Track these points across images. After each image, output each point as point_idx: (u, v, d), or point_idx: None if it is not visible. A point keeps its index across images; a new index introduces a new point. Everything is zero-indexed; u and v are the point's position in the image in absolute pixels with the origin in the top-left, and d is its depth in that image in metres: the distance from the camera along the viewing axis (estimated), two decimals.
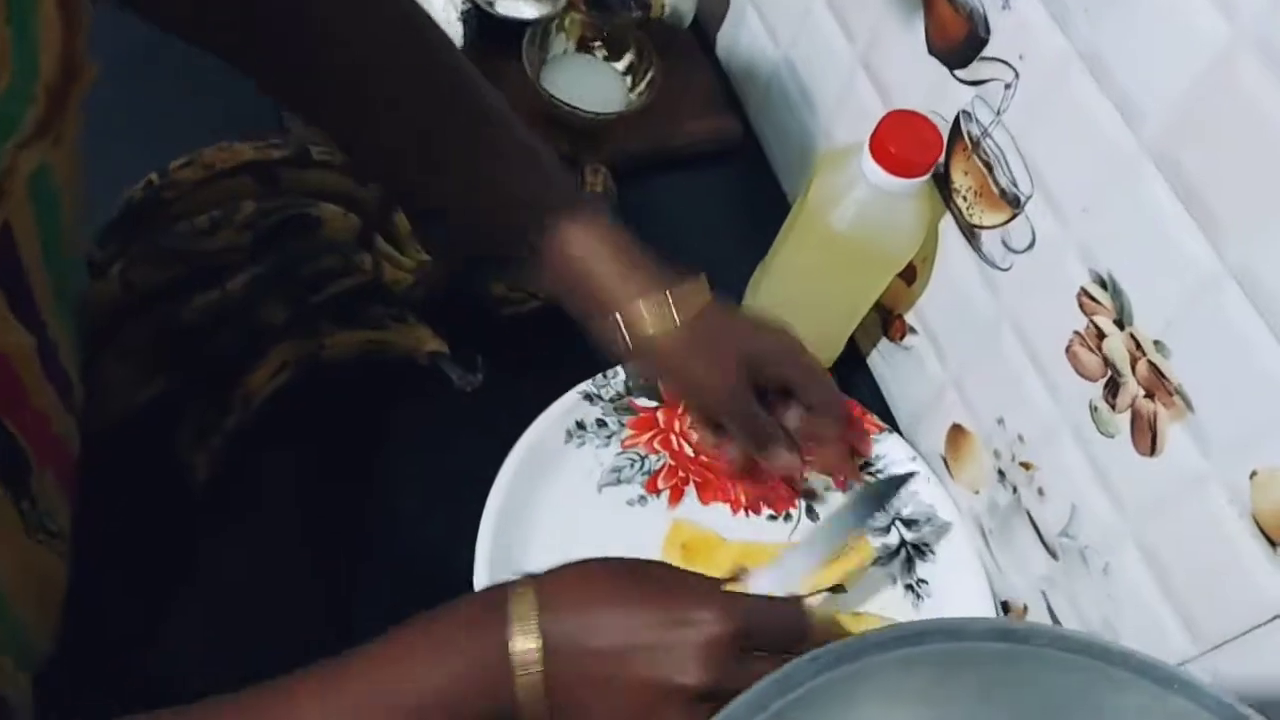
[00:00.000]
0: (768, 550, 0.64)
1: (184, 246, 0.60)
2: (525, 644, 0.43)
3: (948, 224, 0.65)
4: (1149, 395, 0.53)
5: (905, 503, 0.68)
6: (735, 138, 0.83)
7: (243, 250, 0.61)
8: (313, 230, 0.62)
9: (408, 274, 0.66)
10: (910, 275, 0.68)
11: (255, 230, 0.61)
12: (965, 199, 0.63)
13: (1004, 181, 0.59)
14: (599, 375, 0.68)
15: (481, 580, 0.59)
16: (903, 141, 0.58)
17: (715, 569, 0.62)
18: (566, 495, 0.65)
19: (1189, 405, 0.51)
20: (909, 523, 0.67)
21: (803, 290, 0.67)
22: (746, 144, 0.84)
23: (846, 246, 0.62)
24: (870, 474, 0.68)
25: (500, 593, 0.45)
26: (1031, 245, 0.59)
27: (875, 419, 0.70)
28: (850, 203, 0.61)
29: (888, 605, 0.64)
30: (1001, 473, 0.64)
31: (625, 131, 0.78)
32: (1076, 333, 0.56)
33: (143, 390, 0.59)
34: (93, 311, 0.59)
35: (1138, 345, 0.53)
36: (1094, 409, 0.56)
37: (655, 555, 0.63)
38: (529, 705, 0.43)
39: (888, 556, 0.66)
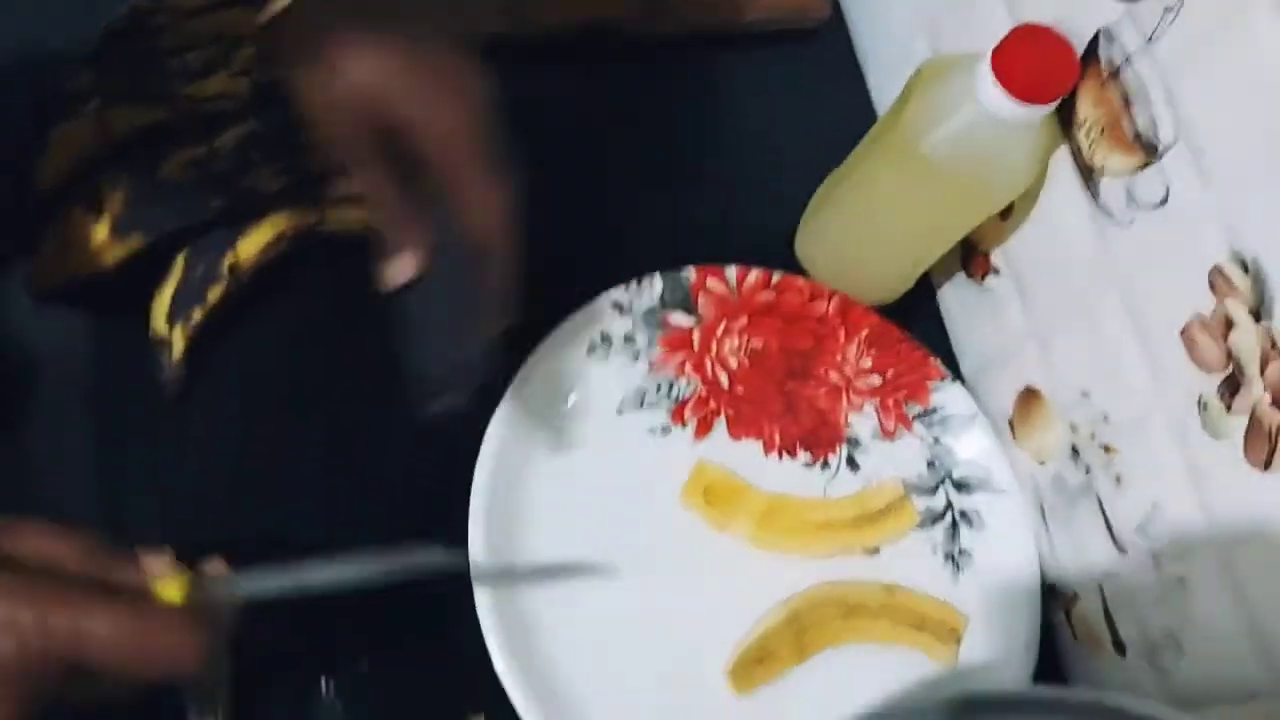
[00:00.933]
0: (799, 505, 0.58)
1: (171, 88, 0.51)
2: None
3: (1061, 158, 0.55)
4: (1276, 403, 0.45)
5: (958, 462, 0.61)
6: (821, 18, 0.72)
7: (238, 99, 0.52)
8: None
9: None
10: (1006, 210, 0.59)
11: (255, 77, 0.52)
12: (1089, 134, 0.53)
13: (1141, 122, 0.50)
14: (632, 283, 0.60)
15: (480, 497, 0.53)
16: (1032, 62, 0.48)
17: (741, 516, 0.56)
18: (582, 416, 0.58)
19: None
20: (960, 485, 0.60)
21: (879, 217, 0.58)
22: (833, 29, 0.73)
23: (941, 177, 0.53)
24: (928, 425, 0.61)
25: None
26: (1162, 203, 0.49)
27: (939, 364, 0.62)
28: (954, 127, 0.51)
29: (924, 575, 0.58)
30: (1076, 450, 0.56)
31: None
32: (1199, 315, 0.48)
33: (114, 249, 0.51)
34: (63, 153, 0.51)
35: (1274, 344, 0.44)
36: (1203, 404, 0.48)
37: (675, 492, 0.57)
38: None
39: (930, 521, 0.60)
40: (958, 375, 0.63)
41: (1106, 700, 0.31)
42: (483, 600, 0.51)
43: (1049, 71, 0.48)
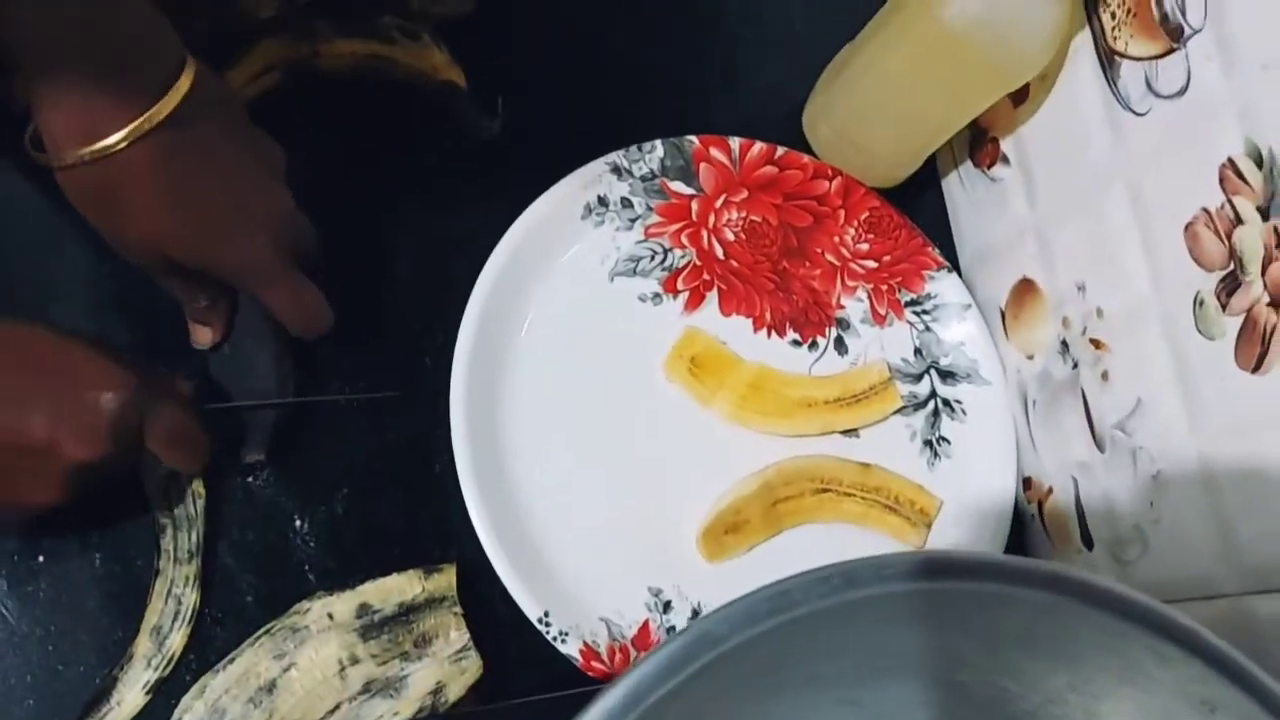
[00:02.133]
0: (784, 378, 0.58)
1: None
2: None
3: (1082, 42, 0.53)
4: (1274, 304, 0.44)
5: (947, 352, 0.60)
6: None
7: None
8: None
9: None
10: (1020, 95, 0.57)
11: None
12: (1114, 15, 0.51)
13: (1169, 5, 0.48)
14: (633, 147, 0.59)
15: (465, 348, 0.53)
16: None
17: (725, 389, 0.56)
18: (573, 276, 0.57)
19: None
20: (946, 374, 0.60)
21: (892, 91, 0.56)
22: None
23: (959, 48, 0.51)
24: (919, 313, 0.61)
25: None
26: (1182, 91, 0.48)
27: (936, 253, 0.61)
28: None
29: (900, 460, 0.58)
30: (1066, 344, 0.56)
31: None
32: (1206, 210, 0.47)
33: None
34: None
35: (1279, 243, 0.44)
36: (1199, 302, 0.48)
37: (660, 362, 0.57)
38: None
39: (914, 407, 0.60)
40: (955, 264, 0.63)
41: (1069, 573, 0.31)
42: (460, 450, 0.51)
43: None
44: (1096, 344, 0.54)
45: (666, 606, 0.53)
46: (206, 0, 0.49)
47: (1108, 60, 0.52)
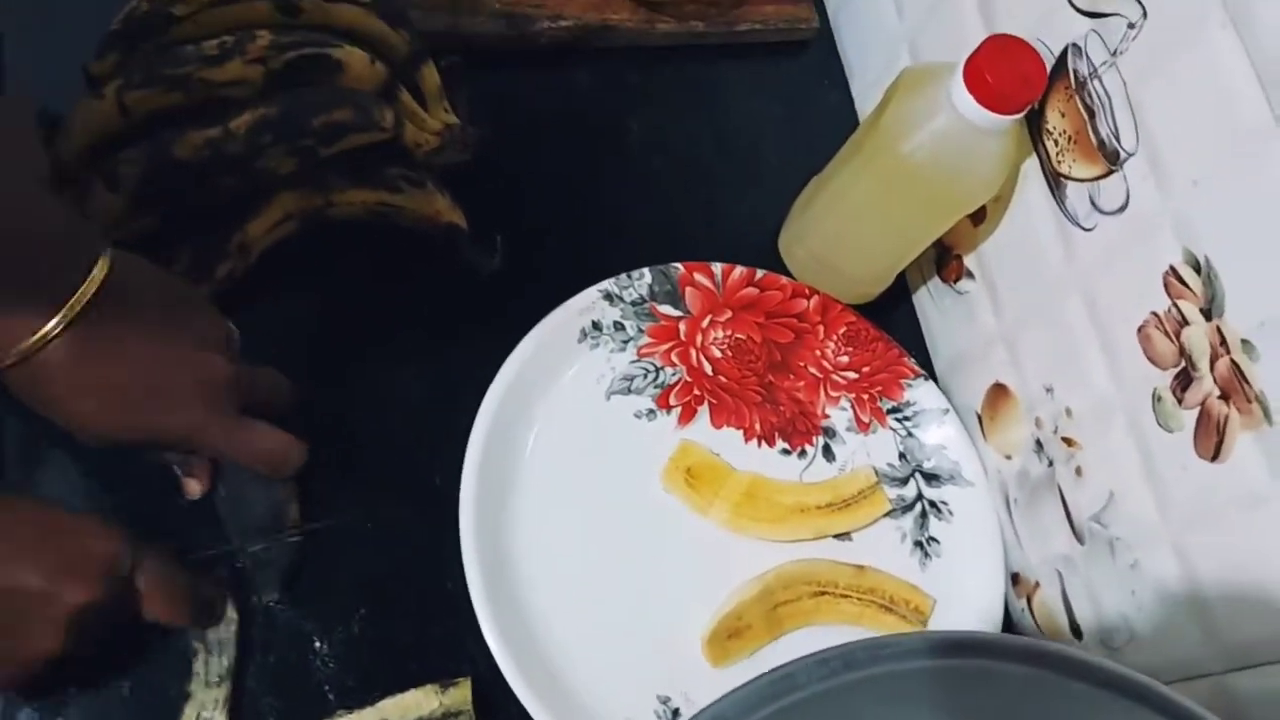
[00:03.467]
0: (776, 486, 0.60)
1: (187, 73, 0.53)
2: None
3: (1031, 166, 0.58)
4: (1224, 397, 0.48)
5: (929, 455, 0.64)
6: (809, 30, 0.75)
7: (252, 86, 0.55)
8: (332, 74, 0.56)
9: (432, 136, 0.60)
10: (979, 215, 0.62)
11: (267, 66, 0.55)
12: (1057, 143, 0.56)
13: (1104, 132, 0.53)
14: (622, 275, 0.63)
15: (472, 468, 0.56)
16: (1002, 72, 0.51)
17: (720, 498, 0.59)
18: (573, 397, 0.60)
19: (1268, 416, 0.46)
20: (930, 477, 0.63)
21: (859, 217, 0.61)
22: (821, 40, 0.77)
23: (918, 179, 0.56)
24: (901, 419, 0.64)
25: None
26: (1123, 208, 0.52)
27: (912, 363, 0.65)
28: (930, 131, 0.54)
29: (893, 561, 0.61)
30: (1040, 443, 0.59)
31: (693, 7, 0.71)
32: (1154, 314, 0.51)
33: (132, 224, 0.54)
34: (84, 131, 0.53)
35: (1223, 341, 0.47)
36: (1157, 398, 0.51)
37: (658, 474, 0.60)
38: None
39: (902, 509, 0.62)
40: (931, 372, 0.66)
41: (1075, 654, 0.34)
42: (471, 568, 0.54)
43: (1018, 81, 0.51)
44: (1068, 442, 0.57)
45: (675, 714, 0.55)
46: (238, 160, 0.53)
47: (1054, 182, 0.57)
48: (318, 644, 0.53)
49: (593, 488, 0.59)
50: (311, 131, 0.54)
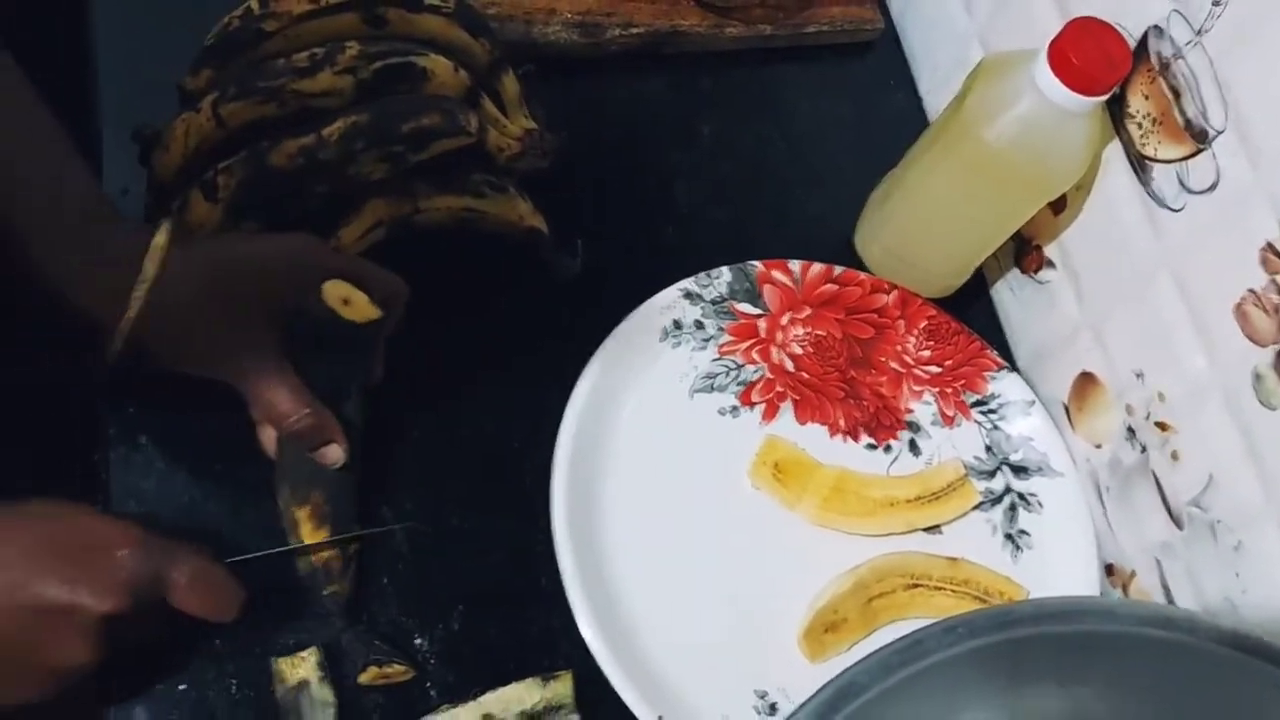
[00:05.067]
0: (864, 480, 0.60)
1: (280, 85, 0.55)
2: None
3: (1114, 151, 0.58)
4: None
5: (1016, 448, 0.63)
6: (874, 31, 0.76)
7: (342, 96, 0.56)
8: (418, 82, 0.57)
9: (513, 141, 0.61)
10: (1059, 204, 0.62)
11: (357, 76, 0.56)
12: (1140, 126, 0.56)
13: (1191, 112, 0.53)
14: (702, 274, 0.63)
15: (562, 466, 0.56)
16: (1087, 53, 0.51)
17: (809, 492, 0.59)
18: (656, 396, 0.61)
19: None
20: (1018, 469, 0.63)
21: (939, 209, 0.61)
22: (887, 41, 0.77)
23: (1001, 165, 0.56)
24: (985, 412, 0.64)
25: None
26: (1213, 187, 0.52)
27: (995, 355, 0.65)
28: (1014, 117, 0.54)
29: (984, 554, 0.60)
30: (1132, 430, 0.59)
31: (761, 11, 0.72)
32: (1251, 291, 0.50)
33: (230, 232, 0.55)
34: (181, 144, 0.55)
35: None
36: (1258, 377, 0.51)
37: (745, 470, 0.60)
38: None
39: (990, 502, 0.62)
40: (1012, 365, 0.66)
41: (1176, 614, 0.34)
42: (565, 565, 0.54)
43: (1103, 62, 0.51)
44: (1162, 426, 0.57)
45: (773, 709, 0.55)
46: (330, 167, 0.54)
47: (1139, 165, 0.56)
48: (418, 641, 0.53)
49: (680, 484, 0.59)
50: (401, 137, 0.55)
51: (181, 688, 0.50)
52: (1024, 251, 0.66)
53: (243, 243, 0.52)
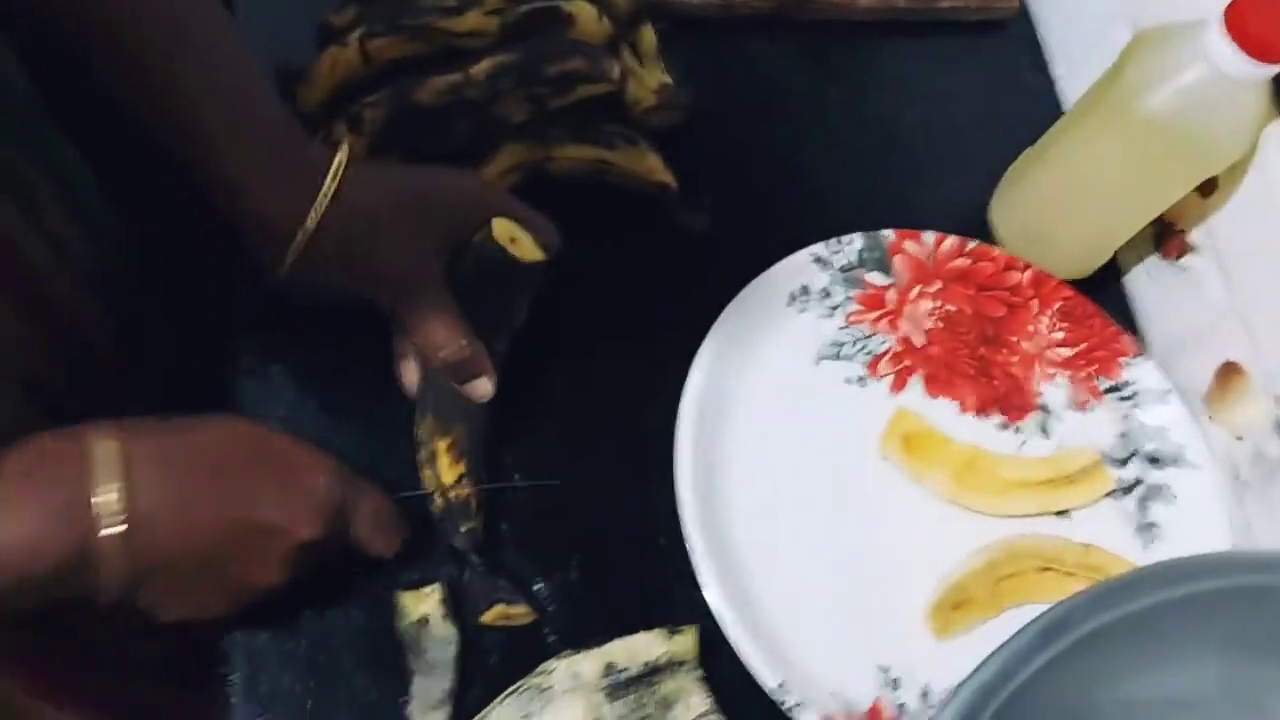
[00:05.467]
0: (997, 459, 0.58)
1: (427, 23, 0.55)
2: (108, 494, 0.39)
3: (1273, 130, 0.56)
4: None
5: (1151, 437, 0.61)
6: (1008, 10, 0.74)
7: (487, 36, 0.56)
8: (562, 27, 0.57)
9: (649, 94, 0.60)
10: (1208, 187, 0.60)
11: (503, 17, 0.56)
12: None
13: None
14: (832, 240, 0.62)
15: (685, 434, 0.55)
16: (1267, 19, 0.49)
17: (939, 468, 0.57)
18: (781, 360, 0.59)
19: None
20: (1152, 459, 0.60)
21: (1086, 185, 0.59)
22: (1018, 21, 0.75)
23: (1160, 139, 0.54)
24: (1120, 399, 0.61)
25: (77, 440, 0.41)
26: None
27: (1131, 341, 0.62)
28: (1179, 86, 0.52)
29: (1114, 542, 0.58)
30: None
31: None
32: None
33: None
34: (327, 78, 0.55)
35: None
36: None
37: (872, 440, 0.58)
38: (111, 562, 0.40)
39: (1122, 491, 0.60)
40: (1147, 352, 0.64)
41: None
42: (690, 526, 0.53)
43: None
44: None
45: (895, 684, 0.53)
46: (475, 106, 0.54)
47: None
48: (537, 587, 0.52)
49: (805, 450, 0.57)
50: (547, 79, 0.55)
51: (305, 614, 0.49)
52: (1165, 236, 0.64)
53: (422, 171, 0.52)
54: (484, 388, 0.51)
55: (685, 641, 0.49)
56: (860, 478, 0.57)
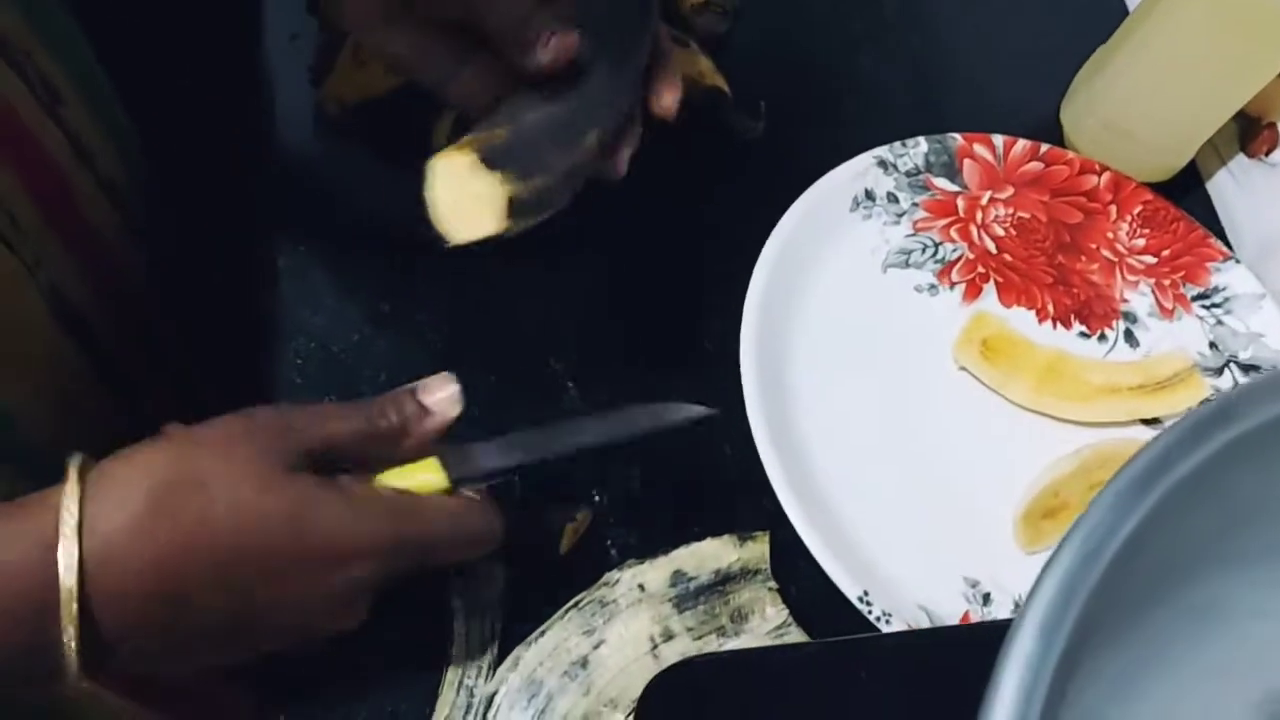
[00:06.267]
0: (1082, 363, 0.54)
1: None
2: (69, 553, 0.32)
3: None
4: None
5: (1245, 345, 0.57)
6: None
7: None
8: None
9: None
10: None
11: None
12: None
13: None
14: (897, 143, 0.58)
15: (749, 342, 0.51)
16: None
17: (1021, 373, 0.53)
18: (847, 269, 0.56)
19: None
20: (1247, 368, 0.56)
21: (1172, 69, 0.55)
22: None
23: (1257, 9, 0.50)
24: (1209, 306, 0.57)
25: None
26: None
27: (1219, 245, 0.58)
28: None
29: None
30: None
31: None
32: None
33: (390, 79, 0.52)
34: None
35: None
36: None
37: (946, 348, 0.54)
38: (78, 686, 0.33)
39: None
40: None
41: None
42: (760, 434, 0.49)
43: None
44: None
45: (986, 599, 0.49)
46: None
47: None
48: (597, 498, 0.48)
49: (875, 359, 0.54)
50: None
51: None
52: (1252, 132, 0.60)
53: None
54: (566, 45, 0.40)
55: (758, 548, 0.46)
56: (935, 386, 0.53)
